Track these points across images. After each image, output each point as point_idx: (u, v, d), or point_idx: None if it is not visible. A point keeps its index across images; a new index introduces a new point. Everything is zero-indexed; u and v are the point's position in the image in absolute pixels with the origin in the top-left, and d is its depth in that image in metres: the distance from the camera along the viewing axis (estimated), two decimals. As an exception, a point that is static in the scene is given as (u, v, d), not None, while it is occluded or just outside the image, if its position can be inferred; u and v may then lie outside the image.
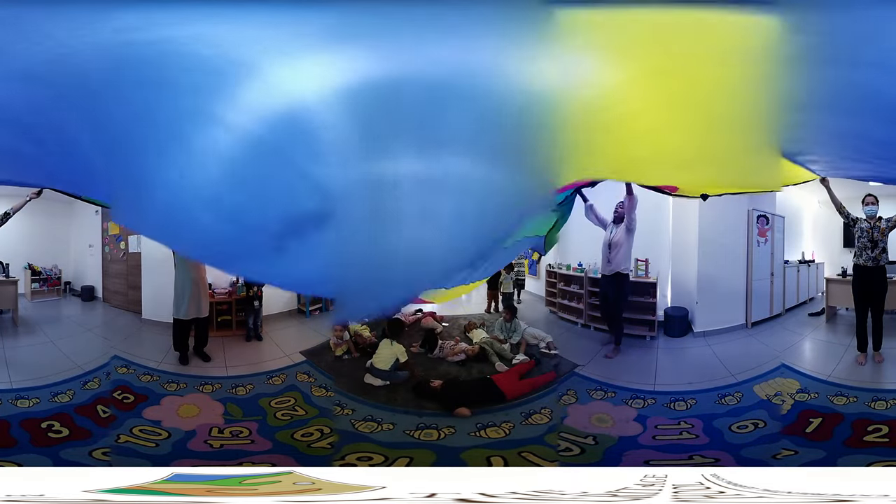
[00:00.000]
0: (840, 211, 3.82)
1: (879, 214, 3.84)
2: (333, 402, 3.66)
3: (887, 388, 3.37)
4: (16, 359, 4.12)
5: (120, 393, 3.59)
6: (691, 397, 3.52)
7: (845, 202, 3.78)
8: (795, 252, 6.20)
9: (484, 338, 4.77)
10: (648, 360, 4.29)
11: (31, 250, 5.97)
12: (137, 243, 5.40)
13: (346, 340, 4.67)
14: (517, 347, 4.71)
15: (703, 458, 2.94)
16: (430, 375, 4.08)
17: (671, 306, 4.99)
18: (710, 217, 4.80)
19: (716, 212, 4.71)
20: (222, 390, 3.76)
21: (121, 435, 3.13)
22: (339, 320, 4.46)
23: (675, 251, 5.09)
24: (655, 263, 5.10)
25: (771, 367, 3.85)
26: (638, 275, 5.04)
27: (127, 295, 5.64)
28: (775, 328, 5.09)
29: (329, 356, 4.55)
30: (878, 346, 3.85)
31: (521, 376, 3.99)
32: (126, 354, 4.14)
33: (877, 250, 3.81)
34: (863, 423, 3.03)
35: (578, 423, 3.32)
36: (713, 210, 4.68)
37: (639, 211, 4.15)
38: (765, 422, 3.20)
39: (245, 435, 3.23)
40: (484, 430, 3.24)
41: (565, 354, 4.49)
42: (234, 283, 5.34)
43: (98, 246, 6.16)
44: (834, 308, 5.09)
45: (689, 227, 4.93)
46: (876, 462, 2.72)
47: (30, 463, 2.79)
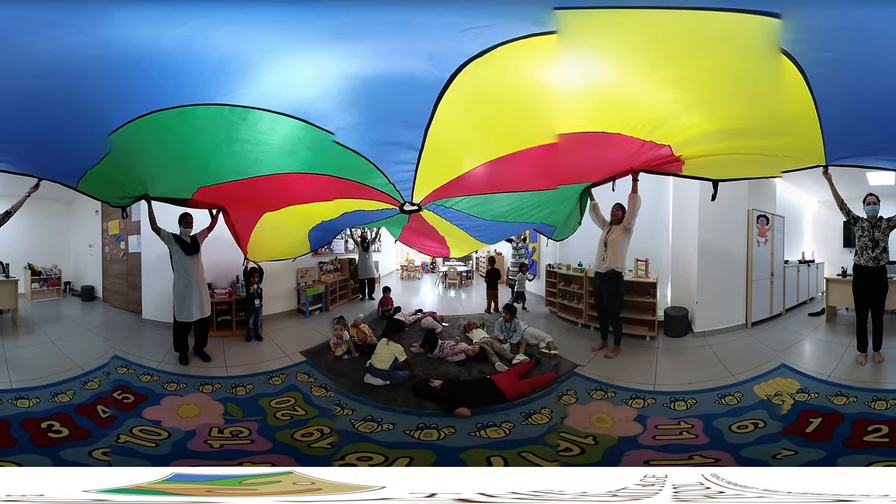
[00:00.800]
0: (841, 207, 3.80)
1: (880, 214, 3.84)
2: (333, 402, 3.66)
3: (887, 388, 3.37)
4: (16, 359, 4.12)
5: (120, 393, 3.59)
6: (691, 397, 3.51)
7: (846, 202, 3.77)
8: (795, 252, 6.20)
9: (484, 338, 4.77)
10: (648, 360, 4.29)
11: (31, 250, 5.98)
12: (137, 243, 5.41)
13: (346, 340, 4.67)
14: (517, 347, 4.72)
15: (703, 458, 2.94)
16: (430, 375, 4.08)
17: (671, 306, 4.99)
18: (710, 217, 4.80)
19: (716, 212, 4.70)
20: (222, 390, 3.76)
21: (121, 435, 3.13)
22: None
23: (675, 251, 5.09)
24: (655, 263, 5.10)
25: (771, 367, 3.85)
26: (638, 275, 5.05)
27: (127, 295, 5.64)
28: (775, 328, 5.09)
29: (329, 356, 4.56)
30: (878, 346, 3.86)
31: (521, 376, 3.99)
32: (126, 354, 4.15)
33: (877, 250, 3.81)
34: (863, 423, 3.03)
35: (578, 423, 3.32)
36: (713, 210, 4.67)
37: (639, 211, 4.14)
38: (765, 422, 3.20)
39: (245, 435, 3.23)
40: (484, 430, 3.24)
41: (565, 354, 4.50)
42: (233, 283, 5.34)
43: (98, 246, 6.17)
44: (834, 308, 5.09)
45: (689, 228, 4.93)
46: (876, 462, 2.72)
47: (30, 463, 2.79)
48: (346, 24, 1.98)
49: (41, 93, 2.26)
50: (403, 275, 10.41)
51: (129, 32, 1.97)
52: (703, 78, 2.25)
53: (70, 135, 2.61)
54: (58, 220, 6.25)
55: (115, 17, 1.93)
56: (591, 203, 4.07)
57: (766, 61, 2.10)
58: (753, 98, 2.36)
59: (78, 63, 2.08)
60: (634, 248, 4.42)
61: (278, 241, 4.56)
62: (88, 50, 2.03)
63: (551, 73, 2.24)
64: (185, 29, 1.96)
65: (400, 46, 2.08)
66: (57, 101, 2.32)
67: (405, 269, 10.49)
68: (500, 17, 1.98)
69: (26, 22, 1.94)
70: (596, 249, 4.43)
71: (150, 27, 1.96)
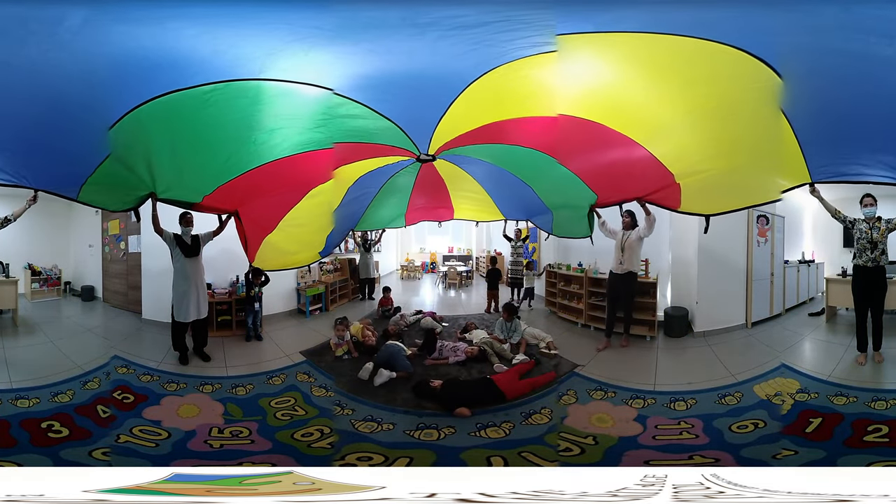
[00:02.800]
0: (836, 216, 3.84)
1: (878, 215, 3.84)
2: (333, 402, 3.66)
3: (887, 388, 3.37)
4: (16, 359, 4.12)
5: (120, 393, 3.59)
6: (691, 397, 3.52)
7: (844, 202, 3.78)
8: (795, 252, 6.20)
9: (484, 338, 4.77)
10: (648, 360, 4.29)
11: (31, 250, 5.98)
12: (137, 243, 5.41)
13: (347, 341, 4.67)
14: (517, 347, 4.72)
15: (703, 458, 2.94)
16: (430, 375, 4.08)
17: (671, 306, 4.99)
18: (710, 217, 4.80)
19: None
20: (222, 390, 3.76)
21: (121, 435, 3.13)
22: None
23: (675, 251, 5.09)
24: (656, 263, 5.10)
25: (771, 367, 3.85)
26: (638, 275, 5.05)
27: (127, 295, 5.64)
28: (775, 328, 5.09)
29: (329, 356, 4.56)
30: (878, 346, 3.86)
31: (521, 376, 3.99)
32: (126, 354, 4.15)
33: (876, 251, 3.81)
34: (863, 423, 3.03)
35: (578, 423, 3.32)
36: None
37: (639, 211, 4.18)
38: (765, 422, 3.20)
39: (245, 435, 3.23)
40: (484, 430, 3.24)
41: (565, 354, 4.50)
42: (233, 283, 5.34)
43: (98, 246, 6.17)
44: (834, 308, 5.09)
45: (689, 228, 4.93)
46: (876, 462, 2.72)
47: (30, 463, 2.79)
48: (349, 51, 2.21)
49: (30, 95, 2.23)
50: (403, 275, 10.41)
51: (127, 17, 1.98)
52: (695, 95, 2.48)
53: (65, 139, 2.56)
54: (58, 220, 6.25)
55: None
56: (600, 221, 4.34)
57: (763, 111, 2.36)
58: (737, 112, 2.52)
59: (63, 55, 2.07)
60: (635, 248, 4.46)
61: (292, 248, 4.51)
62: (76, 40, 2.02)
63: (551, 76, 2.45)
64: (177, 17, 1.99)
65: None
66: (45, 102, 2.29)
67: (405, 269, 10.49)
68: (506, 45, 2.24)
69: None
70: (596, 249, 4.60)
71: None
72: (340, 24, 2.10)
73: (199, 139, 2.85)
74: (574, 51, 2.27)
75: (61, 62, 2.09)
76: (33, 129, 2.46)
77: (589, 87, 2.60)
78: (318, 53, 2.26)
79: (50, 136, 2.54)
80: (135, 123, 2.53)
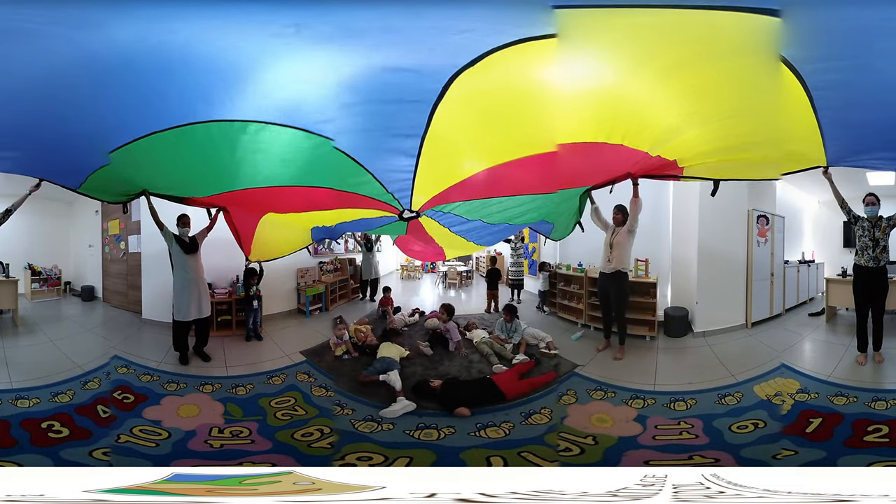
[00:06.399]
0: (842, 206, 3.80)
1: (880, 214, 3.84)
2: (333, 402, 3.66)
3: (887, 388, 3.36)
4: (16, 359, 4.12)
5: (120, 393, 3.59)
6: (691, 397, 3.51)
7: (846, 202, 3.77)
8: (795, 252, 6.20)
9: (484, 338, 4.77)
10: (648, 361, 4.29)
11: (31, 250, 5.98)
12: (137, 243, 5.40)
13: (346, 341, 4.67)
14: (517, 347, 4.71)
15: (703, 458, 2.94)
16: (430, 375, 4.08)
17: (671, 306, 4.99)
18: (710, 217, 4.80)
19: (716, 212, 4.71)
20: (222, 390, 3.76)
21: (121, 435, 3.13)
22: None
23: (675, 251, 5.08)
24: (655, 263, 5.10)
25: (771, 368, 3.85)
26: (638, 275, 5.04)
27: (127, 295, 5.64)
28: (775, 328, 5.09)
29: (329, 356, 4.56)
30: (878, 346, 3.85)
31: (521, 376, 3.99)
32: (126, 354, 4.14)
33: (878, 249, 3.81)
34: (863, 423, 3.03)
35: (578, 423, 3.32)
36: (713, 210, 4.68)
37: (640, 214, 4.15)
38: (765, 422, 3.20)
39: (245, 435, 3.23)
40: (484, 430, 3.24)
41: (565, 354, 4.50)
42: (233, 283, 5.34)
43: (98, 246, 6.16)
44: (834, 308, 5.09)
45: (689, 228, 4.93)
46: (876, 462, 2.72)
47: (30, 463, 2.79)
48: (332, 33, 1.93)
49: (46, 99, 2.25)
50: (403, 275, 10.40)
51: (119, 39, 1.95)
52: (707, 88, 2.24)
53: (73, 144, 2.63)
54: (58, 220, 6.24)
55: (107, 28, 1.91)
56: (593, 206, 4.12)
57: (766, 68, 2.11)
58: (754, 108, 2.37)
59: (71, 80, 2.10)
60: (634, 248, 4.41)
61: (281, 238, 4.55)
62: (78, 68, 2.04)
63: (551, 78, 2.18)
64: (179, 37, 1.94)
65: (389, 54, 2.03)
66: (60, 110, 2.33)
67: (405, 269, 10.48)
68: (492, 21, 1.90)
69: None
70: (596, 249, 4.47)
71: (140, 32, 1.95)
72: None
73: (186, 169, 2.97)
74: (577, 35, 1.97)
75: (69, 64, 2.07)
76: (39, 129, 2.50)
77: (592, 92, 2.30)
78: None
79: (59, 138, 2.59)
80: (131, 153, 2.62)
